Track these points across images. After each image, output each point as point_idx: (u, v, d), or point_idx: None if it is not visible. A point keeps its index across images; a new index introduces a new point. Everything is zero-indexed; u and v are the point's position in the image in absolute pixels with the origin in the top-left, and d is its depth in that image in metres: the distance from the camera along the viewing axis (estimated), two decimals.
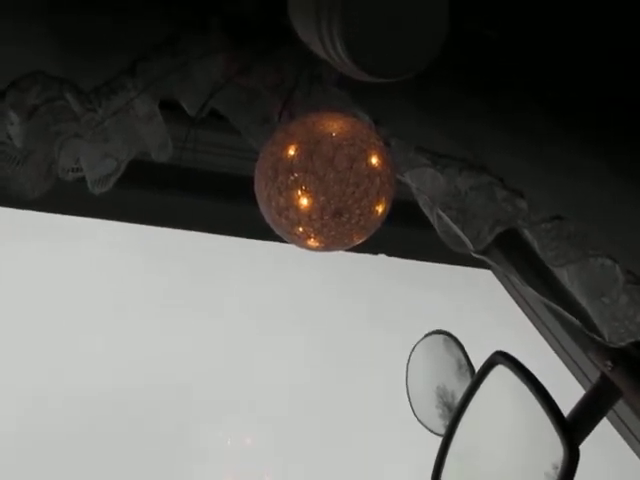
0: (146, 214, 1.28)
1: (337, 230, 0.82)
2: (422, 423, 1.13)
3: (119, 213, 1.25)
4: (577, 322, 1.04)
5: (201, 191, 1.30)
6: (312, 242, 0.84)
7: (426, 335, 1.12)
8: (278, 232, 0.86)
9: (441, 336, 1.09)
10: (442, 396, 1.08)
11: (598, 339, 1.01)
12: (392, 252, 1.48)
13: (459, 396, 0.99)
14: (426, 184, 1.09)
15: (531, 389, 0.84)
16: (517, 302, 1.44)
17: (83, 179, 0.94)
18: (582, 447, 0.86)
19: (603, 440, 1.07)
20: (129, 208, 1.26)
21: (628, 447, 1.23)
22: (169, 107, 1.05)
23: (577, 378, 1.31)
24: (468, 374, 1.03)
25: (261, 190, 0.83)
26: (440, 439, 1.00)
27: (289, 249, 0.91)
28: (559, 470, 0.80)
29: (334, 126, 0.82)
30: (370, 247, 1.43)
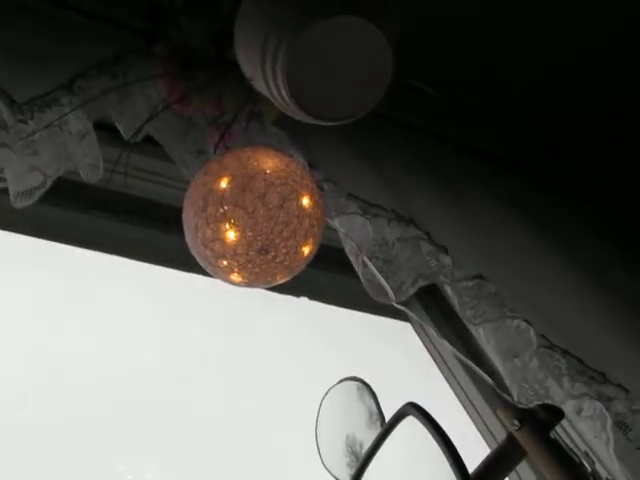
0: (68, 233, 1.24)
1: (261, 267, 0.82)
2: (328, 470, 1.12)
3: (38, 229, 1.21)
4: (489, 380, 1.06)
5: (127, 216, 1.28)
6: (235, 277, 0.84)
7: (340, 381, 1.11)
8: (202, 263, 0.85)
9: (355, 383, 1.08)
10: (351, 445, 1.07)
11: (507, 398, 1.03)
12: (314, 296, 1.48)
13: (367, 445, 0.98)
14: (355, 231, 1.10)
15: (439, 443, 0.84)
16: (432, 356, 1.45)
17: (6, 190, 0.91)
18: None
19: None
20: (50, 225, 1.22)
21: None
22: (105, 128, 1.04)
23: (483, 436, 1.32)
24: (379, 423, 1.02)
25: (189, 219, 0.82)
26: None
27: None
28: None
29: (269, 163, 0.82)
30: (293, 289, 1.42)
